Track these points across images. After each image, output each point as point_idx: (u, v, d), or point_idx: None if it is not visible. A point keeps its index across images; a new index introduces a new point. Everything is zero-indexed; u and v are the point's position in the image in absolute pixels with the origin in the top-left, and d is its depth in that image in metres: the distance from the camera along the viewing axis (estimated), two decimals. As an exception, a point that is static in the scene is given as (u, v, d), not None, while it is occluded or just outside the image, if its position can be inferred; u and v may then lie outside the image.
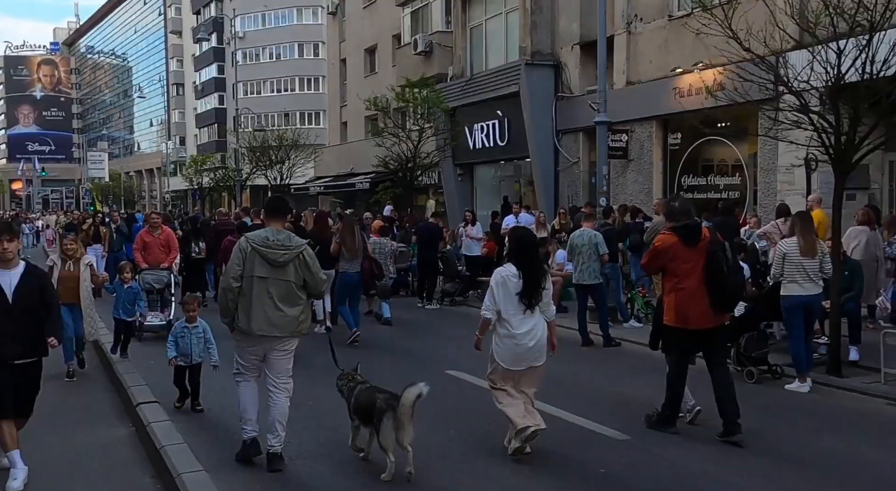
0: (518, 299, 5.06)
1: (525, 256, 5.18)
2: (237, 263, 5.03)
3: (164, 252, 10.41)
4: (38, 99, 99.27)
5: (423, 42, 22.11)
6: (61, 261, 7.62)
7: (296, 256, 5.06)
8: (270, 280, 4.99)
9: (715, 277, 5.54)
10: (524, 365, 5.16)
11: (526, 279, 5.07)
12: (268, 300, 4.97)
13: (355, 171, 29.43)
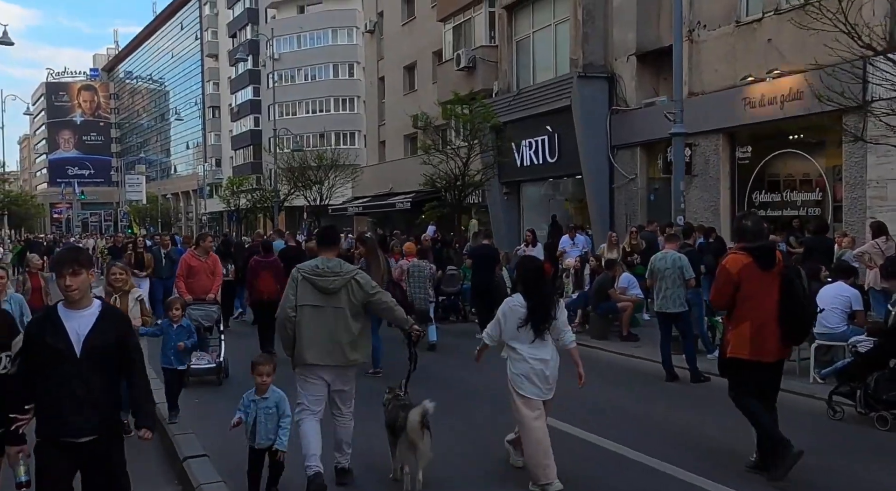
0: (525, 328, 4.99)
1: (531, 285, 5.11)
2: (291, 294, 5.07)
3: (210, 279, 9.37)
4: (78, 124, 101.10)
5: (467, 57, 21.46)
6: (106, 294, 6.45)
7: (347, 282, 5.05)
8: (323, 308, 5.00)
9: (791, 306, 5.05)
10: (541, 394, 5.05)
11: (532, 308, 5.00)
12: (321, 329, 4.98)
13: (394, 190, 28.85)
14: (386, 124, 31.10)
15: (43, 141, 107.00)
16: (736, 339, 5.13)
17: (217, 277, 9.54)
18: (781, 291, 5.06)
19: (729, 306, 5.21)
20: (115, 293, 6.45)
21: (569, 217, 19.91)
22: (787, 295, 5.04)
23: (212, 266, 9.56)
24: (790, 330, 5.10)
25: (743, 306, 5.10)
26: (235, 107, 61.62)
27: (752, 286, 5.08)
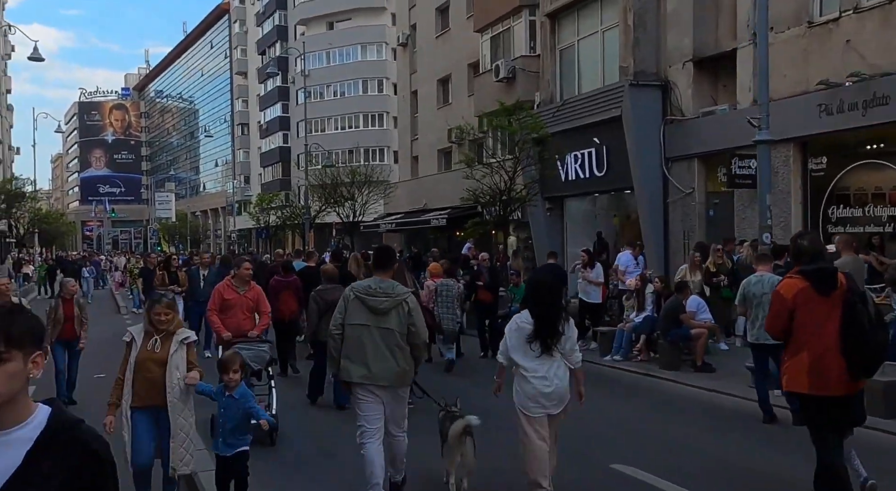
0: (529, 343, 4.95)
1: (538, 301, 5.09)
2: (339, 312, 5.21)
3: (249, 317, 7.55)
4: (109, 142, 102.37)
5: (506, 68, 20.63)
6: (145, 334, 5.00)
7: (398, 303, 5.13)
8: (372, 328, 5.08)
9: (855, 334, 4.58)
10: (542, 411, 4.98)
11: (538, 323, 4.96)
12: (370, 348, 5.05)
13: (428, 206, 28.04)
14: (419, 139, 30.37)
15: (75, 159, 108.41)
16: (793, 371, 4.74)
17: (263, 316, 7.72)
18: (843, 318, 4.60)
19: (785, 335, 4.82)
20: (157, 334, 4.99)
21: (616, 234, 18.91)
22: (849, 322, 4.57)
23: (253, 302, 7.64)
24: (855, 361, 4.60)
25: (800, 335, 4.71)
26: (264, 124, 61.57)
27: (809, 313, 4.68)
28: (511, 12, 21.00)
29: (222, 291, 7.71)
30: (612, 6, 16.72)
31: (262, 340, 7.48)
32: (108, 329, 16.76)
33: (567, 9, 18.06)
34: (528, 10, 20.51)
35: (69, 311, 8.31)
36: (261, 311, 7.73)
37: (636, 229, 17.26)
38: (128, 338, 5.07)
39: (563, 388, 5.00)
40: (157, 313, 4.98)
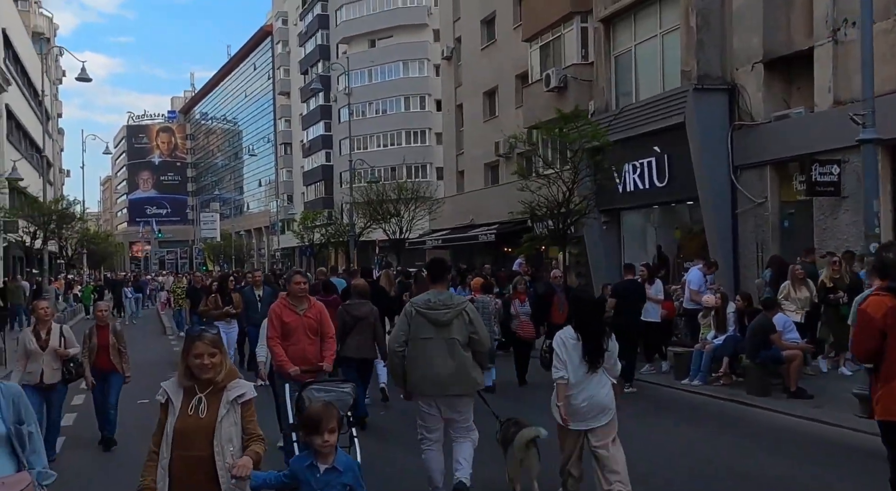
0: (579, 361, 5.05)
1: (584, 318, 5.16)
2: (402, 329, 5.35)
3: (314, 342, 6.33)
4: (156, 164, 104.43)
5: (557, 77, 19.89)
6: (184, 392, 3.42)
7: (458, 313, 5.30)
8: (436, 340, 5.22)
9: None
10: (585, 425, 5.07)
11: (585, 341, 5.06)
12: (435, 360, 5.20)
13: (475, 222, 27.34)
14: (465, 153, 29.75)
15: (123, 182, 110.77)
16: (886, 398, 4.44)
17: (328, 340, 6.45)
18: None
19: (875, 359, 4.52)
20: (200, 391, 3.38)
21: (678, 248, 17.92)
22: None
23: (316, 322, 6.36)
24: None
25: (893, 359, 4.39)
26: (307, 143, 61.85)
27: None
28: (561, 20, 20.29)
29: (280, 313, 6.37)
30: (672, 8, 15.89)
31: (340, 379, 6.10)
32: (154, 351, 16.35)
33: (623, 13, 17.27)
34: (580, 17, 19.78)
35: (103, 338, 7.50)
36: (324, 333, 6.42)
37: (700, 243, 16.28)
38: (162, 397, 3.46)
39: (606, 400, 5.10)
40: (198, 355, 3.33)
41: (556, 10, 20.24)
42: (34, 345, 6.98)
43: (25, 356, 7.01)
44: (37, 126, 43.69)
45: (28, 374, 6.93)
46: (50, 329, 7.13)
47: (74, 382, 7.69)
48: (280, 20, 69.48)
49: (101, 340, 7.47)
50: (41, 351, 6.97)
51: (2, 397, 3.08)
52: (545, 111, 21.28)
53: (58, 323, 7.50)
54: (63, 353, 7.07)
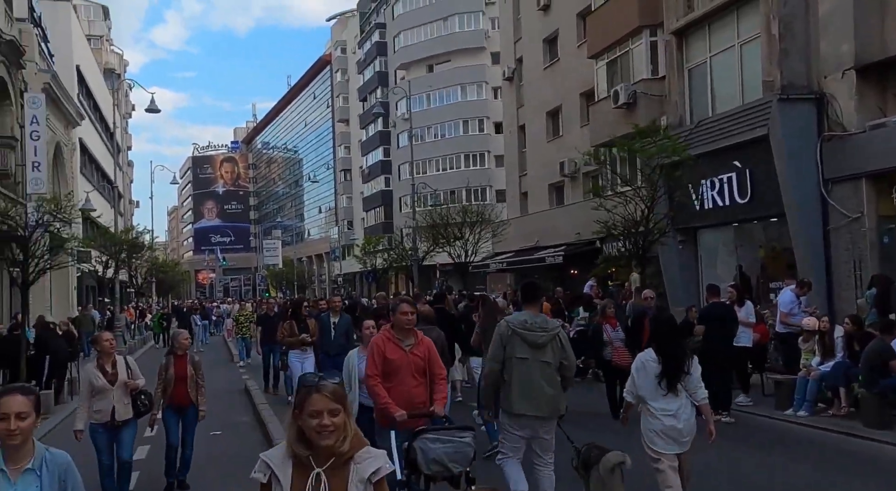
0: (657, 382, 5.07)
1: (664, 341, 5.19)
2: (499, 348, 5.35)
3: (422, 383, 5.24)
4: (220, 194, 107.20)
5: (626, 93, 19.29)
6: (294, 466, 2.44)
7: (553, 337, 5.34)
8: (531, 361, 5.24)
9: None
10: (675, 449, 5.07)
11: (665, 363, 5.09)
12: (529, 381, 5.23)
13: (540, 244, 26.73)
14: (528, 174, 29.25)
15: (189, 211, 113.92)
16: None
17: (438, 381, 5.30)
18: None
19: None
20: (318, 464, 2.41)
21: (761, 267, 16.97)
22: None
23: (422, 360, 5.25)
24: None
25: None
26: (366, 168, 62.37)
27: None
28: (629, 34, 19.73)
29: (382, 348, 5.25)
30: (750, 16, 15.17)
31: (458, 426, 5.09)
32: (223, 379, 16.21)
33: (697, 24, 16.61)
34: (649, 31, 19.19)
35: (181, 369, 7.01)
36: (434, 373, 5.31)
37: (786, 262, 15.36)
38: (262, 476, 2.48)
39: (691, 424, 5.10)
40: (315, 413, 2.37)
41: (624, 24, 19.70)
42: (101, 381, 6.40)
43: (91, 394, 6.43)
44: (108, 158, 45.20)
45: (96, 412, 6.39)
46: (115, 361, 6.55)
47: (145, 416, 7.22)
48: (339, 49, 70.71)
49: (179, 371, 6.96)
50: (110, 386, 6.40)
51: (46, 471, 2.71)
52: (613, 128, 20.68)
53: (120, 354, 6.86)
54: (133, 385, 6.53)
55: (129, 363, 6.67)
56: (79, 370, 15.10)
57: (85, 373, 6.63)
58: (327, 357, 9.56)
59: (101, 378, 6.40)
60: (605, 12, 20.86)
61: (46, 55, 29.22)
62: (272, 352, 12.91)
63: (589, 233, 23.48)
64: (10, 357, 12.94)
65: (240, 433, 9.71)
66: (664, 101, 18.76)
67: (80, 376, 15.20)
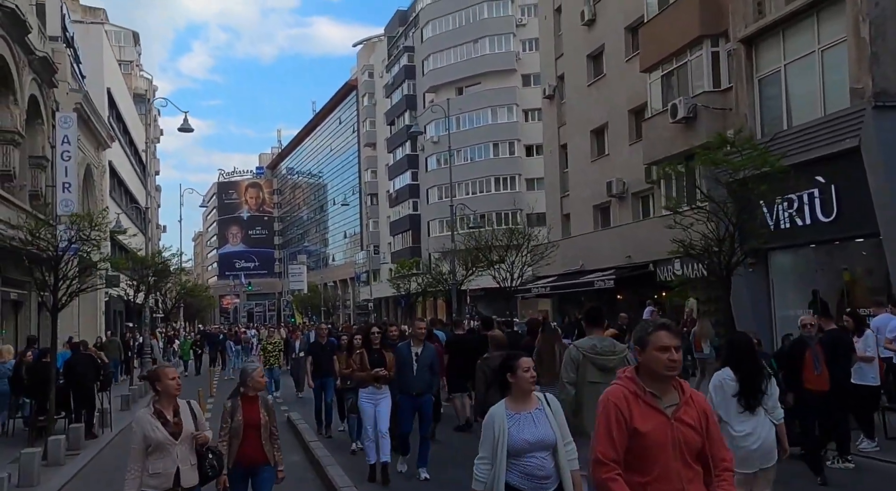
0: (736, 401, 5.08)
1: (741, 361, 5.21)
2: (571, 371, 5.50)
3: (694, 474, 2.97)
4: (244, 219, 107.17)
5: (685, 107, 18.18)
6: None
7: (622, 360, 5.40)
8: (602, 385, 4.57)
9: None
10: (753, 468, 5.04)
11: (742, 382, 5.10)
12: None
13: (585, 267, 25.51)
14: (570, 195, 28.12)
15: (214, 237, 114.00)
16: None
17: (722, 471, 3.08)
18: None
19: None
20: None
21: (843, 292, 15.61)
22: None
23: (697, 432, 3.02)
24: None
25: None
26: (394, 193, 61.64)
27: None
28: (688, 45, 18.67)
29: (625, 411, 3.00)
30: (833, 19, 14.04)
31: None
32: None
33: (769, 31, 15.50)
34: (710, 41, 18.13)
35: (253, 415, 5.28)
36: (718, 457, 3.09)
37: (875, 285, 14.03)
38: None
39: (769, 443, 5.08)
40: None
41: (682, 35, 18.66)
42: (162, 433, 4.64)
43: (146, 452, 4.65)
44: (136, 182, 44.82)
45: (153, 477, 4.61)
46: (177, 407, 4.81)
47: None
48: (366, 73, 70.50)
49: (250, 418, 5.25)
50: (173, 440, 4.67)
51: None
52: (669, 145, 19.58)
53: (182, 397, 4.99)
54: (204, 437, 4.84)
55: (194, 409, 4.94)
56: (110, 401, 14.10)
57: (138, 423, 4.74)
58: (408, 398, 7.96)
59: (160, 429, 4.66)
60: (659, 23, 19.86)
61: (78, 76, 28.79)
62: (325, 387, 11.41)
63: (641, 255, 22.31)
64: (38, 387, 11.96)
65: (295, 477, 8.49)
66: (727, 115, 17.64)
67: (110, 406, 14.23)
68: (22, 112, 19.19)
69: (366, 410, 8.00)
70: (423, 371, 7.94)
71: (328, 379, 11.20)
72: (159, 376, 4.83)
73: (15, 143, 18.97)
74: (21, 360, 13.65)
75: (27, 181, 20.95)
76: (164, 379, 4.80)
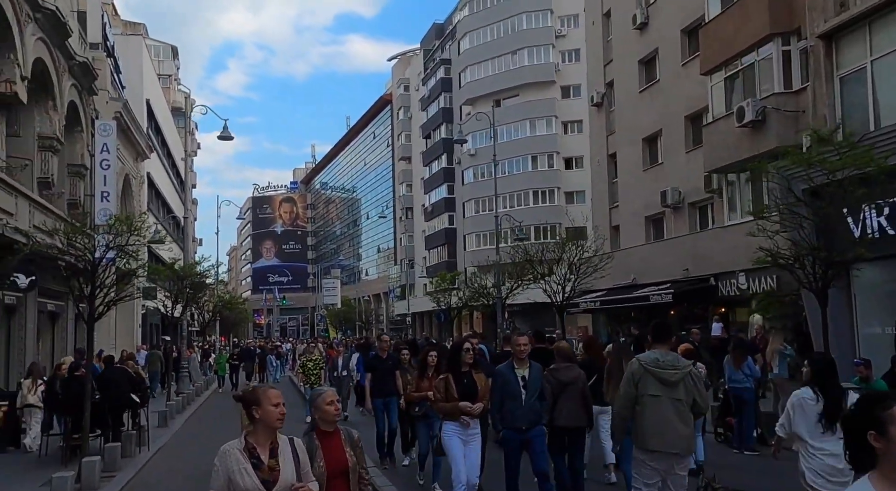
0: (816, 420, 5.10)
1: (823, 379, 5.23)
2: (630, 385, 5.47)
3: None
4: (278, 234, 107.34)
5: (754, 109, 17.04)
6: None
7: (685, 375, 5.46)
8: (663, 399, 5.34)
9: None
10: (836, 487, 4.88)
11: (826, 402, 5.09)
12: (662, 418, 5.31)
13: (637, 281, 24.33)
14: (619, 206, 26.98)
15: (248, 251, 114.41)
16: None
17: None
18: None
19: None
20: None
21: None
22: None
23: None
24: None
25: None
26: (429, 206, 60.91)
27: None
28: (755, 44, 17.56)
29: None
30: (930, 8, 12.88)
31: None
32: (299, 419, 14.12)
33: (852, 25, 14.34)
34: (781, 39, 17.01)
35: (337, 457, 3.96)
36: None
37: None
38: None
39: None
40: None
41: (750, 34, 17.56)
42: (252, 481, 3.41)
43: None
44: (173, 195, 44.67)
45: None
46: (276, 445, 3.54)
47: None
48: (402, 87, 70.17)
49: (334, 461, 3.92)
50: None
51: None
52: (733, 151, 18.44)
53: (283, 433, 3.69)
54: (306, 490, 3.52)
55: (298, 450, 3.62)
56: (147, 418, 13.32)
57: (222, 459, 3.46)
58: (514, 433, 6.48)
59: (250, 475, 3.42)
60: (723, 23, 18.77)
61: (118, 85, 28.54)
62: (388, 409, 9.87)
63: (700, 268, 21.08)
64: (73, 403, 11.21)
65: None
66: (801, 117, 16.48)
67: (148, 424, 13.49)
68: (61, 118, 18.74)
69: (452, 449, 6.48)
70: (532, 399, 6.55)
71: (391, 399, 9.78)
72: (259, 399, 3.49)
73: (54, 149, 18.50)
74: (55, 373, 12.98)
75: (66, 189, 20.50)
76: (266, 403, 3.47)
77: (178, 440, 13.89)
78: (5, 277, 14.47)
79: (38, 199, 16.60)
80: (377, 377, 10.00)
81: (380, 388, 9.93)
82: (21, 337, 16.30)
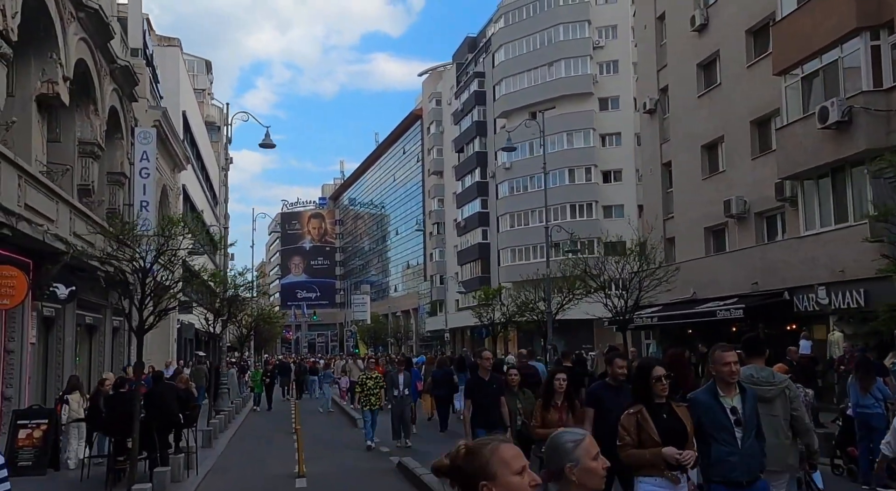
0: None
1: None
2: None
3: None
4: (307, 250, 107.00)
5: (839, 110, 15.82)
6: None
7: (781, 391, 5.19)
8: (762, 415, 4.92)
9: None
10: None
11: None
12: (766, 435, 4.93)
13: (697, 296, 23.02)
14: (674, 217, 25.73)
15: (276, 267, 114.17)
16: None
17: None
18: None
19: None
20: None
21: None
22: None
23: None
24: None
25: None
26: (462, 221, 59.89)
27: None
28: (838, 40, 16.38)
29: None
30: None
31: None
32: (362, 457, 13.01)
33: (959, 12, 13.16)
34: (869, 33, 15.80)
35: None
36: None
37: None
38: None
39: None
40: None
41: (832, 29, 16.39)
42: None
43: None
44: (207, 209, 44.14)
45: None
46: None
47: None
48: (433, 101, 69.51)
49: None
50: None
51: None
52: (813, 155, 17.21)
53: None
54: None
55: None
56: (196, 439, 12.33)
57: None
58: (734, 489, 4.65)
59: None
60: (799, 19, 17.61)
61: (157, 95, 28.01)
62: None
63: (771, 282, 19.76)
64: (118, 422, 10.26)
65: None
66: (892, 117, 15.25)
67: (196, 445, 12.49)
68: (102, 123, 18.05)
69: None
70: (750, 439, 4.67)
71: (498, 430, 7.99)
72: (493, 469, 2.01)
73: (95, 156, 17.79)
74: (99, 389, 12.08)
75: (105, 198, 19.80)
76: (506, 473, 2.00)
77: (225, 462, 12.89)
78: (45, 287, 13.66)
79: (79, 205, 15.83)
80: (478, 403, 8.38)
81: (484, 418, 8.23)
82: (59, 351, 15.46)
